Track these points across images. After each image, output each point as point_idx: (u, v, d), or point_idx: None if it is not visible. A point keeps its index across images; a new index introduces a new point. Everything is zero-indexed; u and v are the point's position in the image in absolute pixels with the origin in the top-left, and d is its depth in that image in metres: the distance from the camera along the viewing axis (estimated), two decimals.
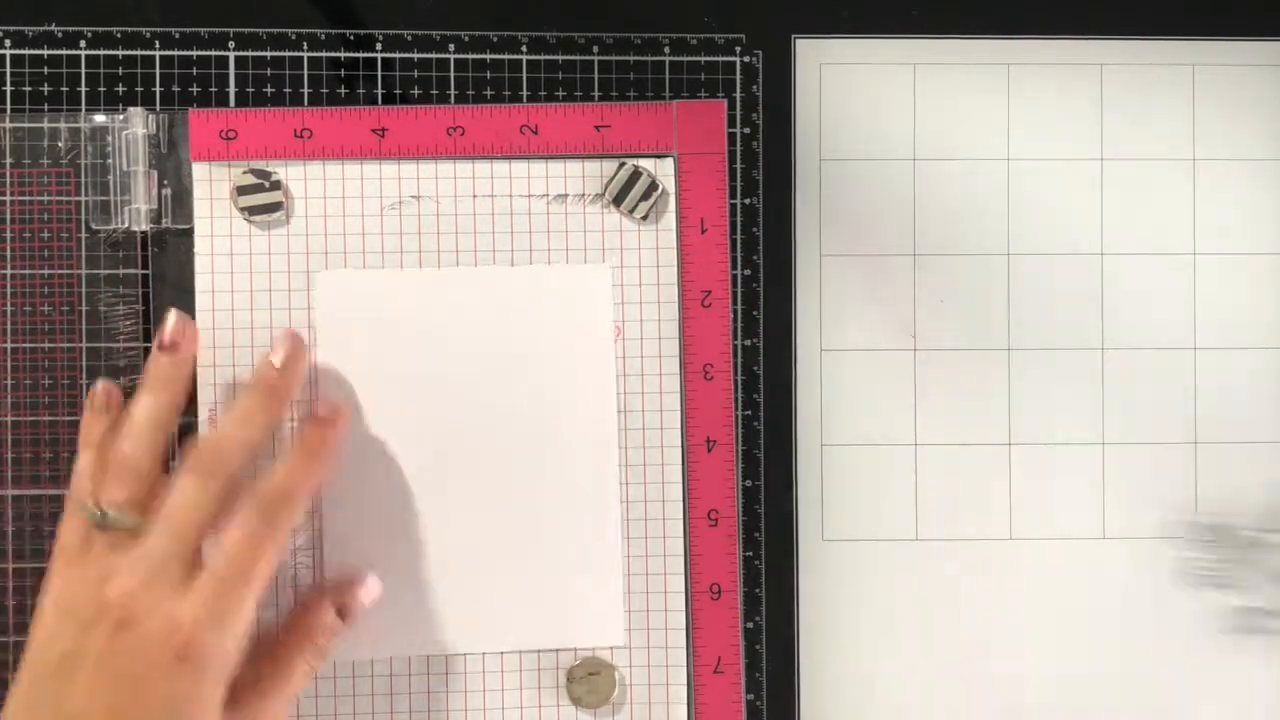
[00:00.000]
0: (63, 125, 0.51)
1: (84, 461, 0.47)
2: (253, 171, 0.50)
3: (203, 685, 0.42)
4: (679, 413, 0.52)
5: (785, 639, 0.52)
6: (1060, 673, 0.53)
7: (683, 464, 0.51)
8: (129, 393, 0.50)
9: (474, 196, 0.51)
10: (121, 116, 0.50)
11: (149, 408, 0.47)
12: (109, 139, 0.50)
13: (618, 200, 0.51)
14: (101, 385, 0.49)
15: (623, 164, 0.50)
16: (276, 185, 0.50)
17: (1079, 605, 0.53)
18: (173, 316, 0.49)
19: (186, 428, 0.50)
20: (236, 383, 0.50)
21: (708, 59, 0.52)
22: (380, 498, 0.50)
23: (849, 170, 0.53)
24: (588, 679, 0.51)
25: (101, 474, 0.46)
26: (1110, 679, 0.53)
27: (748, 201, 0.52)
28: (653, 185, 0.50)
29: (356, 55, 0.52)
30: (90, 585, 0.43)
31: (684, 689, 0.51)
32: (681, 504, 0.51)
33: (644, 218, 0.51)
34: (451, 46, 0.52)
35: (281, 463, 0.47)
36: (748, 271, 0.52)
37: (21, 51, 0.51)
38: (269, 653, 0.46)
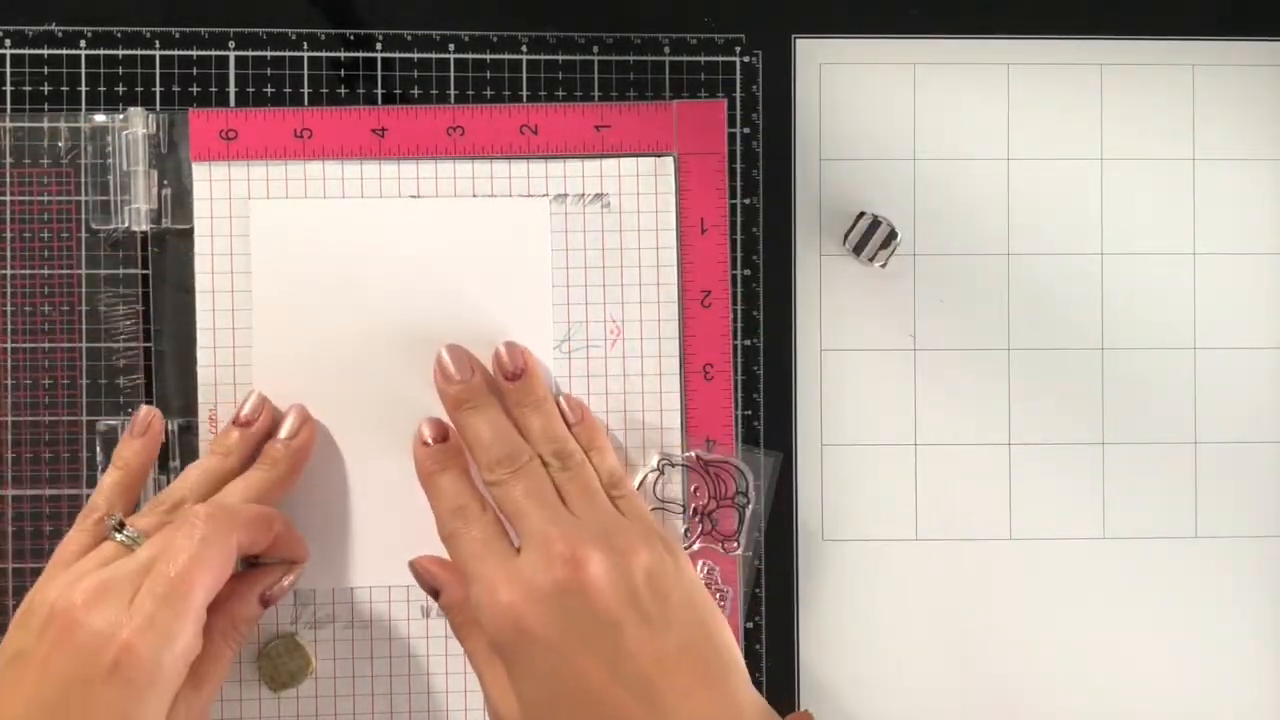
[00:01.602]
0: (63, 125, 0.51)
1: (111, 479, 0.48)
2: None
3: (140, 703, 0.41)
4: (679, 413, 0.52)
5: (785, 639, 0.52)
6: (1060, 672, 0.53)
7: (683, 465, 0.51)
8: (132, 390, 0.50)
9: (474, 196, 0.51)
10: (121, 116, 0.50)
11: (209, 465, 0.48)
12: (109, 139, 0.50)
13: (858, 249, 0.51)
14: (144, 410, 0.49)
15: (862, 214, 0.51)
16: None
17: (1079, 605, 0.53)
18: (254, 398, 0.49)
19: (186, 427, 0.50)
20: (236, 383, 0.50)
21: (708, 59, 0.52)
22: (322, 412, 0.50)
23: (849, 170, 0.53)
24: None
25: (124, 495, 0.47)
26: (1110, 679, 0.53)
27: (748, 201, 0.52)
28: (892, 233, 0.50)
29: (356, 55, 0.52)
30: (59, 589, 0.43)
31: None
32: (682, 504, 0.51)
33: (884, 266, 0.51)
34: (451, 46, 0.52)
35: (239, 479, 0.48)
36: (748, 271, 0.52)
37: (21, 51, 0.51)
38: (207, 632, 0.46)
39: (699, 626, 0.43)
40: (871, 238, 0.51)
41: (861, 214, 0.51)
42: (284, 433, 0.49)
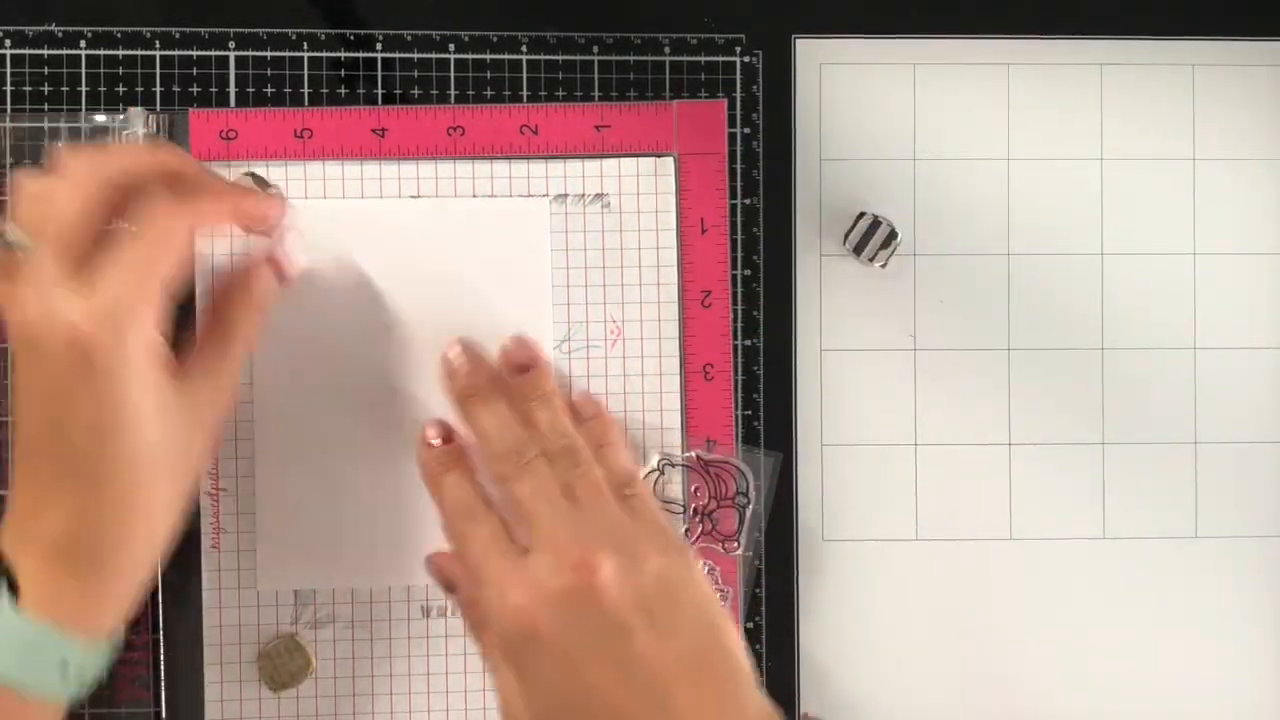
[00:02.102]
0: (63, 125, 0.51)
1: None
2: (253, 175, 0.50)
3: (122, 386, 0.41)
4: (679, 413, 0.52)
5: (785, 639, 0.52)
6: (1060, 673, 0.53)
7: (683, 465, 0.51)
8: None
9: (474, 196, 0.51)
10: (121, 116, 0.50)
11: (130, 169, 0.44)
12: (109, 139, 0.50)
13: (858, 249, 0.51)
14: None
15: (862, 214, 0.51)
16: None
17: (1079, 605, 0.53)
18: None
19: None
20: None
21: (708, 59, 0.52)
22: (318, 422, 0.50)
23: (849, 170, 0.53)
24: None
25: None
26: (1110, 679, 0.53)
27: (748, 201, 0.52)
28: (892, 233, 0.50)
29: (356, 55, 0.52)
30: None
31: None
32: (682, 504, 0.51)
33: (884, 266, 0.51)
34: (451, 46, 0.52)
35: (209, 174, 0.46)
36: (748, 271, 0.52)
37: (21, 51, 0.51)
38: (213, 322, 0.46)
39: (709, 631, 0.43)
40: (872, 238, 0.51)
41: (861, 214, 0.51)
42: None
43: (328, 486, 0.51)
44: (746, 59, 0.53)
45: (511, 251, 0.51)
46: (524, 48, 0.52)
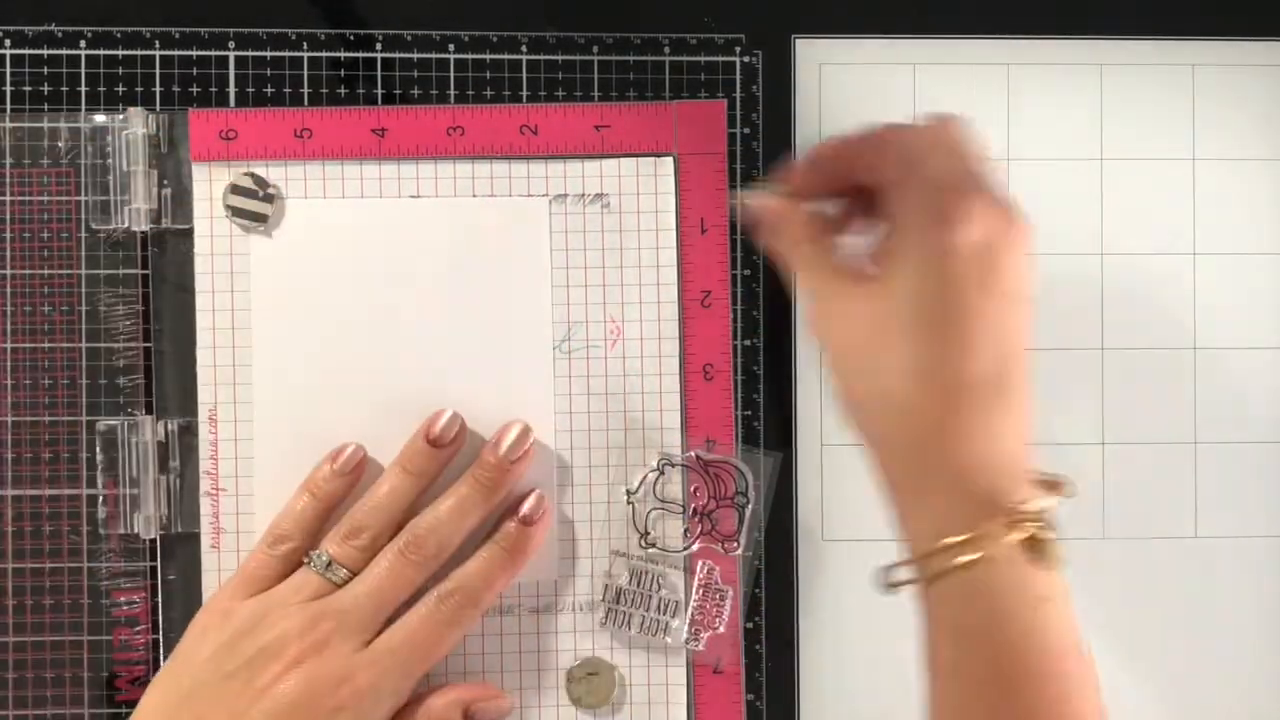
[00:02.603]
0: (63, 125, 0.51)
1: (302, 505, 0.49)
2: (252, 175, 0.50)
3: None
4: (679, 413, 0.52)
5: (785, 639, 0.52)
6: None
7: (682, 465, 0.51)
8: (132, 390, 0.50)
9: (474, 196, 0.51)
10: (121, 116, 0.50)
11: (398, 487, 0.49)
12: (109, 139, 0.50)
13: None
14: (352, 450, 0.49)
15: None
16: (269, 199, 0.50)
17: (1079, 605, 0.53)
18: (446, 416, 0.49)
19: (186, 428, 0.50)
20: (236, 383, 0.50)
21: (708, 59, 0.52)
22: (318, 422, 0.50)
23: None
24: (587, 679, 0.51)
25: (314, 525, 0.48)
26: (1109, 679, 0.53)
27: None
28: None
29: (356, 55, 0.52)
30: (277, 618, 0.46)
31: (684, 689, 0.51)
32: (682, 504, 0.51)
33: None
34: (451, 46, 0.52)
35: (478, 557, 0.48)
36: (748, 271, 0.52)
37: (21, 51, 0.51)
38: None
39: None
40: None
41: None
42: (525, 510, 0.49)
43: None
44: (746, 59, 0.53)
45: (511, 251, 0.51)
46: (524, 48, 0.52)
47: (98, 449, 0.50)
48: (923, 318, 0.39)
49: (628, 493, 0.51)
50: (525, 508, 0.49)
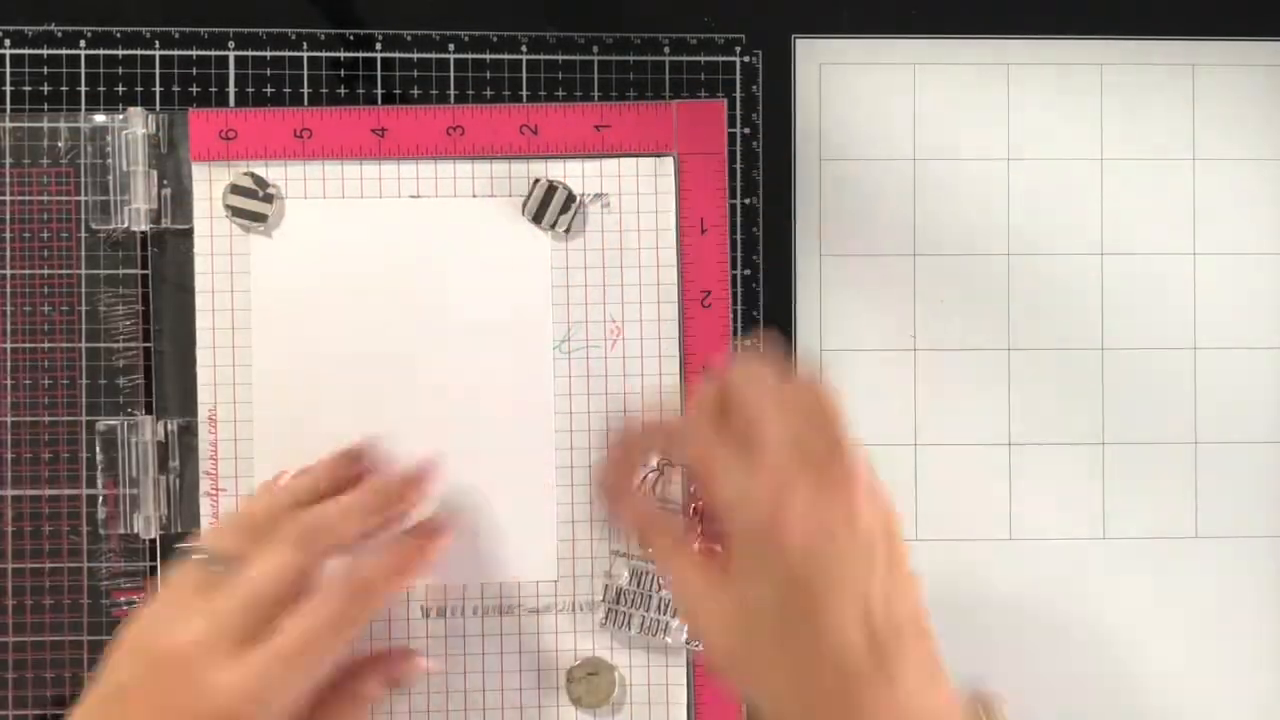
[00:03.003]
0: (63, 125, 0.51)
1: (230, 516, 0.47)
2: (252, 175, 0.50)
3: None
4: (679, 413, 0.51)
5: None
6: (1059, 673, 0.53)
7: (683, 464, 0.51)
8: (132, 390, 0.50)
9: (474, 196, 0.51)
10: (121, 116, 0.50)
11: (300, 489, 0.46)
12: (109, 139, 0.50)
13: (537, 218, 0.51)
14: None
15: (538, 180, 0.50)
16: (269, 199, 0.50)
17: (1079, 605, 0.53)
18: (360, 444, 0.48)
19: (185, 428, 0.50)
20: (236, 383, 0.50)
21: (708, 59, 0.52)
22: (318, 422, 0.50)
23: (849, 170, 0.53)
24: (587, 679, 0.51)
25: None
26: (1110, 679, 0.53)
27: (748, 201, 0.52)
28: (570, 198, 0.50)
29: (356, 55, 0.52)
30: (162, 625, 0.42)
31: (684, 689, 0.51)
32: (682, 503, 0.51)
33: (566, 230, 0.51)
34: (451, 46, 0.52)
35: (374, 559, 0.45)
36: (748, 271, 0.52)
37: (21, 51, 0.51)
38: (311, 714, 0.45)
39: (921, 610, 0.42)
40: (550, 204, 0.50)
41: (537, 180, 0.51)
42: (419, 524, 0.47)
43: None
44: (746, 59, 0.53)
45: (511, 251, 0.51)
46: (524, 48, 0.52)
47: (98, 449, 0.50)
48: (777, 622, 0.39)
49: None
50: (429, 523, 0.48)
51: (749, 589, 0.40)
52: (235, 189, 0.50)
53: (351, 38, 0.52)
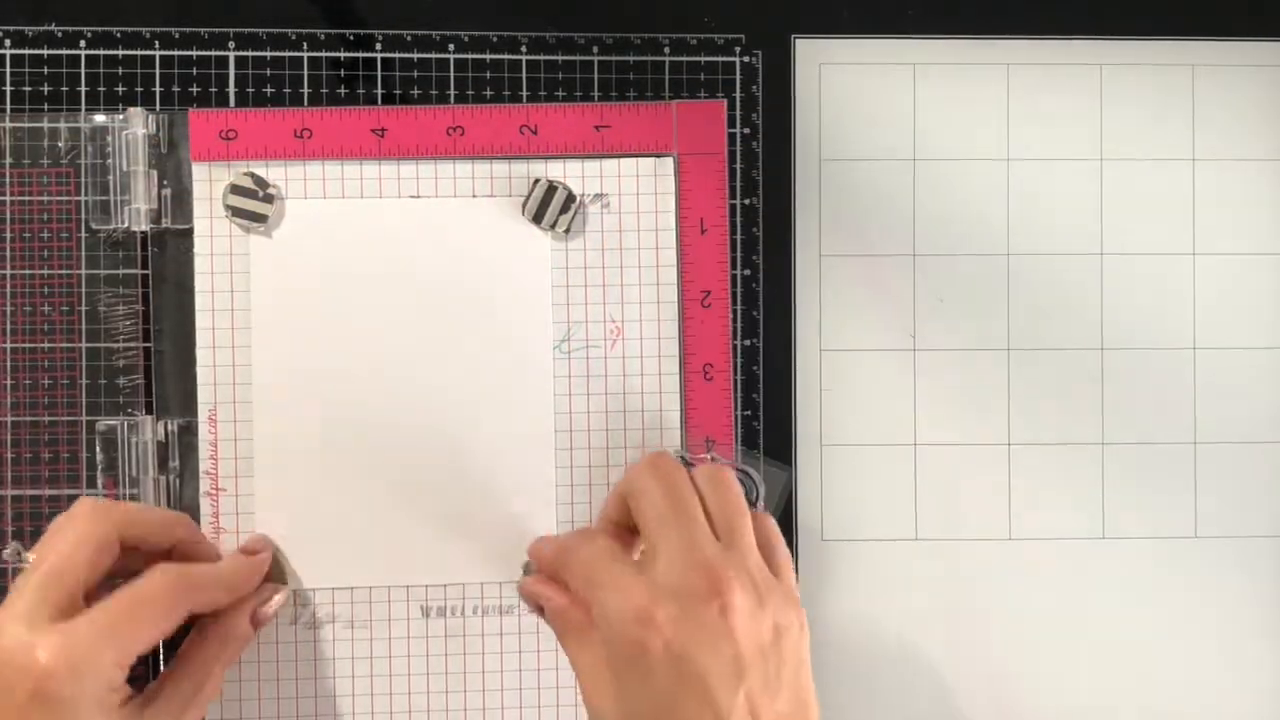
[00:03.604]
0: (63, 125, 0.51)
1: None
2: (252, 175, 0.50)
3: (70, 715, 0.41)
4: (679, 413, 0.52)
5: None
6: (1059, 673, 0.53)
7: (683, 464, 0.51)
8: (132, 390, 0.50)
9: (474, 196, 0.51)
10: (121, 116, 0.50)
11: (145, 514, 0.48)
12: (109, 139, 0.50)
13: (537, 218, 0.51)
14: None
15: (538, 180, 0.50)
16: (269, 199, 0.50)
17: (1078, 605, 0.53)
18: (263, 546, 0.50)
19: (186, 428, 0.50)
20: (236, 383, 0.50)
21: (708, 59, 0.52)
22: (318, 422, 0.50)
23: (849, 170, 0.53)
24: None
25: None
26: (1110, 679, 0.53)
27: (748, 201, 0.52)
28: (570, 198, 0.50)
29: (356, 55, 0.52)
30: None
31: None
32: None
33: (566, 230, 0.51)
34: (451, 46, 0.52)
35: (212, 569, 0.47)
36: (748, 271, 0.52)
37: (21, 51, 0.51)
38: (182, 663, 0.46)
39: (801, 702, 0.43)
40: (550, 204, 0.50)
41: (537, 180, 0.51)
42: (249, 545, 0.50)
43: (327, 487, 0.51)
44: (746, 59, 0.53)
45: (511, 252, 0.51)
46: (524, 48, 0.52)
47: (98, 449, 0.50)
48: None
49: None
50: (250, 544, 0.50)
51: (628, 698, 0.42)
52: (235, 189, 0.50)
53: (351, 38, 0.52)
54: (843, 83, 0.53)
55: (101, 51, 0.51)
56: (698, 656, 0.41)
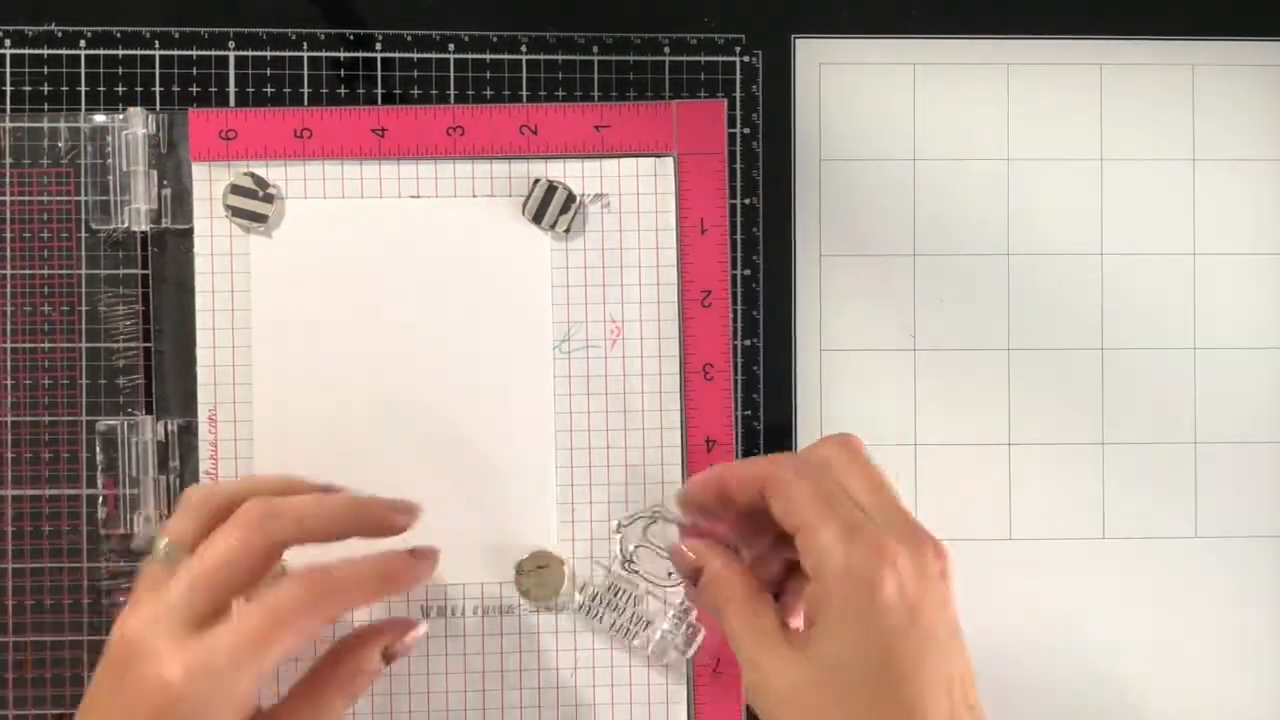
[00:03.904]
0: (63, 125, 0.51)
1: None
2: (252, 175, 0.50)
3: None
4: (679, 413, 0.52)
5: None
6: (1059, 673, 0.53)
7: (682, 465, 0.51)
8: (132, 390, 0.50)
9: (474, 196, 0.51)
10: (121, 116, 0.50)
11: (266, 482, 0.45)
12: (109, 139, 0.50)
13: (537, 218, 0.51)
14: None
15: (538, 180, 0.50)
16: (269, 199, 0.50)
17: (1079, 605, 0.53)
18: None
19: (185, 427, 0.50)
20: (236, 383, 0.50)
21: (708, 59, 0.52)
22: (318, 422, 0.50)
23: (849, 170, 0.53)
24: (536, 572, 0.51)
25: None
26: (1110, 679, 0.53)
27: (748, 201, 0.52)
28: (570, 198, 0.50)
29: (356, 55, 0.52)
30: (121, 620, 0.41)
31: (684, 689, 0.51)
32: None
33: (566, 230, 0.51)
34: (451, 46, 0.52)
35: (352, 567, 0.43)
36: (748, 271, 0.52)
37: (21, 51, 0.51)
38: (306, 689, 0.45)
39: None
40: (550, 204, 0.50)
41: (537, 181, 0.51)
42: (416, 546, 0.45)
43: (329, 474, 0.50)
44: (746, 59, 0.53)
45: (511, 252, 0.51)
46: (524, 48, 0.52)
47: (98, 449, 0.50)
48: (862, 686, 0.38)
49: (619, 524, 0.51)
50: (418, 550, 0.46)
51: (832, 646, 0.39)
52: (235, 189, 0.50)
53: (351, 38, 0.52)
54: (843, 83, 0.53)
55: (101, 51, 0.51)
56: (928, 610, 0.39)
